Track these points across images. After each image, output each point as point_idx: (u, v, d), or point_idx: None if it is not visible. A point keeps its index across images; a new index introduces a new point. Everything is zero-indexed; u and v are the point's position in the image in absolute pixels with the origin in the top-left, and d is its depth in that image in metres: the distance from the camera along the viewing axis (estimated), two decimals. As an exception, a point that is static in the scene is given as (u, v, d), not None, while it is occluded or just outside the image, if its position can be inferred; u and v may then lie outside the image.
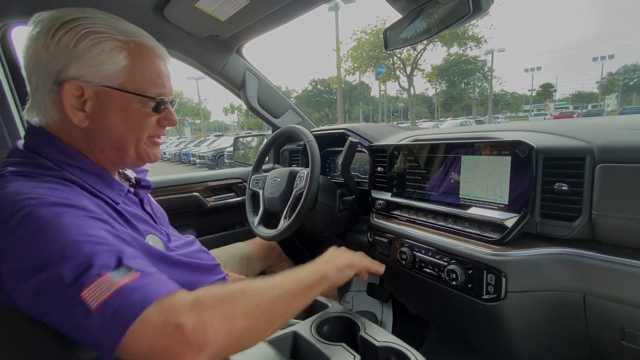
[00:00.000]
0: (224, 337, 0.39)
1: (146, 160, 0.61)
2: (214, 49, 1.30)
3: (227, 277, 0.77)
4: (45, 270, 0.38)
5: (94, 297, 0.36)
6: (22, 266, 0.39)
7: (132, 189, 0.65)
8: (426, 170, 0.86)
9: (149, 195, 0.74)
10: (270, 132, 1.66)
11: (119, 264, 0.40)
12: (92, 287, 0.36)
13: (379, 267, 0.78)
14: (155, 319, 0.37)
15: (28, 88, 0.53)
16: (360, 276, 0.75)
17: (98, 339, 0.36)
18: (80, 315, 0.36)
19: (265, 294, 0.47)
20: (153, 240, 0.60)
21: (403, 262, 0.85)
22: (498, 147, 0.69)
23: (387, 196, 0.97)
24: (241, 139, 1.94)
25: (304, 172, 1.04)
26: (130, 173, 0.71)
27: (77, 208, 0.45)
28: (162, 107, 0.58)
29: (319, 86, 47.72)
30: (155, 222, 0.67)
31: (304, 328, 0.62)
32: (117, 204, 0.57)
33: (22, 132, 1.07)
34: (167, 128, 0.65)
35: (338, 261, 0.67)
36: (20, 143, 0.54)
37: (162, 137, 0.64)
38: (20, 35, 1.09)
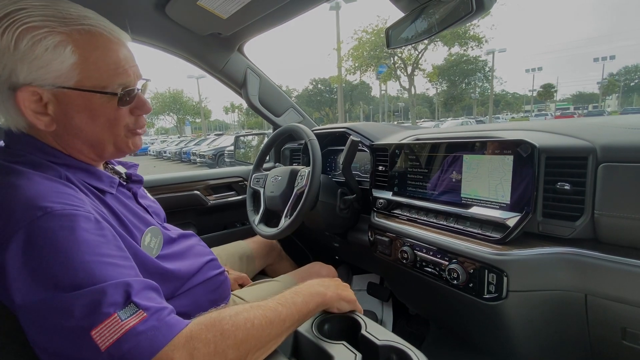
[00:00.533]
0: None
1: (126, 151, 0.59)
2: (216, 47, 1.30)
3: (226, 272, 0.77)
4: (57, 295, 0.38)
5: (103, 338, 0.37)
6: (33, 279, 0.39)
7: (123, 182, 0.64)
8: (427, 170, 0.86)
9: (145, 190, 0.73)
10: (270, 131, 1.65)
11: (127, 300, 0.40)
12: (102, 328, 0.37)
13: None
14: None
15: None
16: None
17: None
18: (89, 353, 0.37)
19: (256, 323, 0.46)
20: (152, 233, 0.60)
21: (404, 261, 0.85)
22: (500, 146, 0.69)
23: (388, 195, 0.97)
24: (242, 138, 1.94)
25: (305, 170, 1.04)
26: (120, 169, 0.70)
27: (85, 218, 0.44)
28: (129, 97, 0.53)
29: (319, 85, 47.67)
30: (152, 217, 0.67)
31: (305, 326, 0.62)
32: (112, 194, 0.57)
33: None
34: (168, 127, 0.63)
35: (341, 292, 0.63)
36: (2, 143, 0.53)
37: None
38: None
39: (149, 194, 0.76)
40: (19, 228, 0.40)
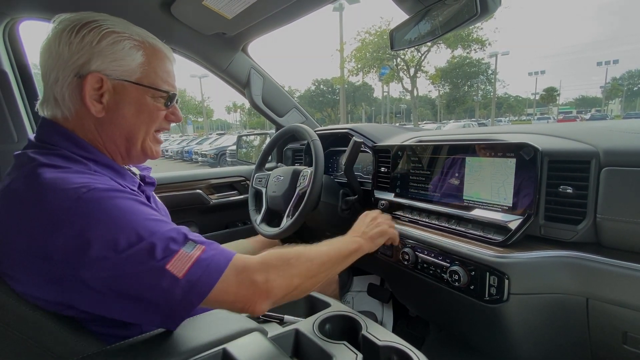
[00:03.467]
0: (283, 290, 0.54)
1: (149, 156, 0.64)
2: (220, 46, 1.31)
3: None
4: (126, 251, 0.43)
5: (178, 268, 0.45)
6: (104, 244, 0.43)
7: (141, 184, 0.66)
8: (430, 171, 0.86)
9: (154, 193, 0.75)
10: (273, 131, 1.66)
11: (186, 239, 0.48)
12: (174, 261, 0.45)
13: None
14: (234, 279, 0.49)
15: (42, 82, 0.55)
16: (392, 242, 0.88)
17: (182, 300, 0.45)
18: (167, 283, 0.44)
19: (314, 260, 0.61)
20: None
21: (405, 263, 0.85)
22: (503, 149, 0.69)
23: (390, 196, 0.97)
24: (244, 138, 1.94)
25: (307, 171, 1.05)
26: (135, 170, 0.71)
27: (126, 192, 0.50)
28: (171, 102, 0.62)
29: (322, 86, 47.69)
30: None
31: (306, 326, 0.62)
32: (134, 191, 0.59)
33: (27, 126, 1.08)
34: (171, 125, 0.67)
35: (371, 233, 0.79)
36: (33, 137, 0.55)
37: (164, 133, 0.67)
38: (27, 30, 1.10)
39: (157, 197, 0.77)
40: (67, 208, 0.43)
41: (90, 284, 0.43)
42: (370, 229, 0.81)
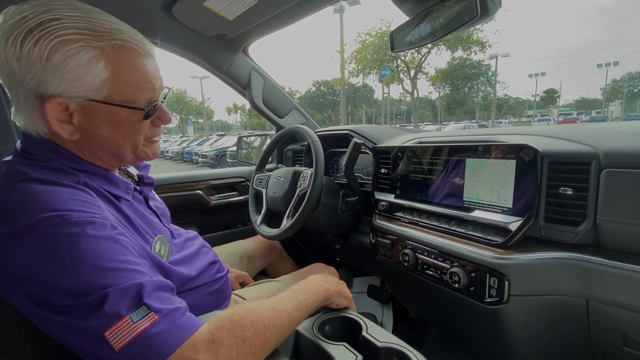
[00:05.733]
0: None
1: (145, 159, 0.60)
2: (221, 48, 1.31)
3: (228, 272, 0.78)
4: (71, 300, 0.39)
5: (117, 339, 0.38)
6: (47, 283, 0.39)
7: (137, 187, 0.65)
8: (430, 173, 0.86)
9: (153, 191, 0.74)
10: (273, 132, 1.66)
11: (139, 302, 0.41)
12: (114, 330, 0.38)
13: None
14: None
15: (10, 97, 0.49)
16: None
17: None
18: (103, 351, 0.39)
19: (274, 328, 0.49)
20: (161, 242, 0.61)
21: (405, 264, 0.85)
22: (503, 151, 0.69)
23: (390, 198, 0.97)
24: (245, 138, 1.95)
25: (307, 172, 1.05)
26: (132, 170, 0.71)
27: (101, 225, 0.44)
28: (152, 111, 0.55)
29: (322, 88, 47.73)
30: (160, 220, 0.67)
31: (306, 327, 0.62)
32: (127, 200, 0.58)
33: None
34: (170, 126, 0.65)
35: (342, 289, 0.67)
36: (19, 143, 0.53)
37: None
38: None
39: (156, 195, 0.77)
40: (35, 235, 0.40)
41: (34, 309, 0.41)
42: (341, 286, 0.68)
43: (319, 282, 0.63)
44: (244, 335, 0.45)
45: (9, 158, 0.53)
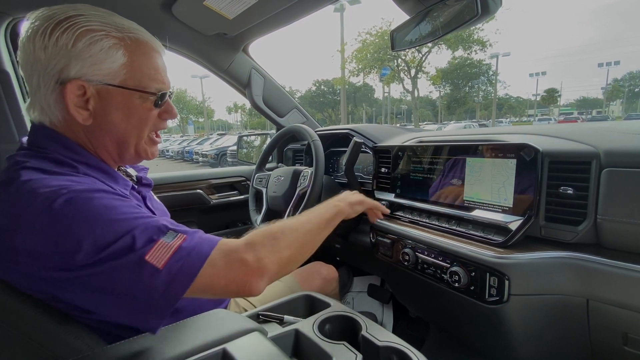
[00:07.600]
0: (276, 264, 0.52)
1: (144, 157, 0.63)
2: (221, 47, 1.31)
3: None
4: (113, 245, 0.42)
5: (158, 258, 0.43)
6: (82, 246, 0.42)
7: (135, 186, 0.66)
8: (430, 172, 0.86)
9: (151, 192, 0.75)
10: (273, 131, 1.66)
11: (167, 229, 0.47)
12: (153, 252, 0.43)
13: (385, 209, 0.93)
14: (222, 262, 0.47)
15: (28, 87, 0.53)
16: (369, 215, 0.92)
17: (164, 292, 0.43)
18: (148, 275, 0.42)
19: (299, 229, 0.60)
20: None
21: (405, 263, 0.85)
22: (503, 150, 0.69)
23: (391, 197, 0.97)
24: (245, 138, 1.95)
25: (308, 171, 1.05)
26: (131, 171, 0.71)
27: (106, 192, 0.48)
28: (162, 101, 0.59)
29: (322, 87, 47.70)
30: None
31: (306, 326, 0.62)
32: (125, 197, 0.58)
33: (29, 126, 1.08)
34: (171, 126, 0.65)
35: (350, 199, 0.79)
36: (25, 139, 0.55)
37: (161, 132, 0.66)
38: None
39: (155, 196, 0.77)
40: (42, 210, 0.42)
41: (70, 282, 0.42)
42: (348, 196, 0.81)
43: (333, 202, 0.76)
44: (274, 235, 0.55)
45: (10, 155, 0.54)
